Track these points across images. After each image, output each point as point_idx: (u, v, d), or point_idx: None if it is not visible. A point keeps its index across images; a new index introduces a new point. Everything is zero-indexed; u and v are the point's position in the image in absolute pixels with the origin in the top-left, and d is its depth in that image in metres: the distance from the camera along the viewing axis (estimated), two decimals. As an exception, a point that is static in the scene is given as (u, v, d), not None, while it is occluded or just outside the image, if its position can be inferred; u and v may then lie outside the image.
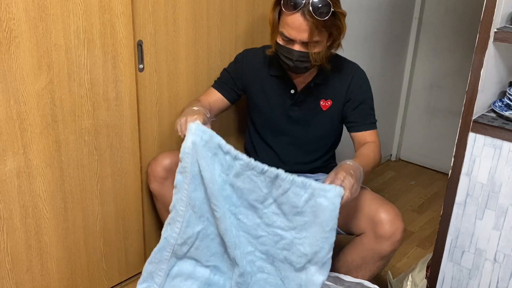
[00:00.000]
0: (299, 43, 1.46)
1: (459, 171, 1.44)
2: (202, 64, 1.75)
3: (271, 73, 1.65)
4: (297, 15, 1.42)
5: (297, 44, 1.47)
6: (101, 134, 1.49)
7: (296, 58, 1.48)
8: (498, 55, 1.39)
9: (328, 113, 1.64)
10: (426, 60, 2.86)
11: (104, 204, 1.57)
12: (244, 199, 1.39)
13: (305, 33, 1.43)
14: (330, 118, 1.65)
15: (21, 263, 1.40)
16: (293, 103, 1.64)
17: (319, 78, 1.61)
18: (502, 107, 1.43)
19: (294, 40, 1.46)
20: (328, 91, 1.63)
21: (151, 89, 1.61)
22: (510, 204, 1.38)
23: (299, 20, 1.42)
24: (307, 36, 1.44)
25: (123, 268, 1.70)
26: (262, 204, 1.38)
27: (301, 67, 1.51)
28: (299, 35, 1.44)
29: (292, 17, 1.43)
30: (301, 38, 1.45)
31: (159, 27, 1.57)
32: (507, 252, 1.41)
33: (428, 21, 2.80)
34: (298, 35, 1.45)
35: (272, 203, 1.37)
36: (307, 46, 1.47)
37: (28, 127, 1.31)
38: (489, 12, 1.30)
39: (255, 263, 1.45)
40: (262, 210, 1.39)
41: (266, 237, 1.41)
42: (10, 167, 1.30)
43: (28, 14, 1.23)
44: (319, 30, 1.43)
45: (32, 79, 1.28)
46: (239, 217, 1.41)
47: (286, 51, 1.49)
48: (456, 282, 1.53)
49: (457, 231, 1.49)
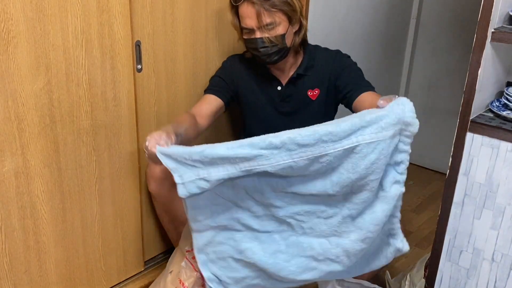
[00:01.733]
0: (257, 30, 1.53)
1: (457, 171, 1.44)
2: (200, 64, 1.75)
3: (255, 74, 1.68)
4: (245, 4, 1.51)
5: (257, 32, 1.53)
6: (99, 134, 1.49)
7: (260, 45, 1.53)
8: (495, 55, 1.39)
9: (317, 102, 1.66)
10: (424, 60, 2.87)
11: (103, 205, 1.57)
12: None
13: (255, 19, 1.50)
14: (320, 107, 1.67)
15: (20, 264, 1.40)
16: (282, 99, 1.67)
17: (301, 68, 1.64)
18: (500, 107, 1.44)
19: (252, 29, 1.53)
20: (313, 80, 1.65)
21: (149, 89, 1.61)
22: (508, 203, 1.38)
23: (248, 8, 1.51)
24: (258, 20, 1.50)
25: (121, 269, 1.70)
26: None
27: (270, 53, 1.55)
28: (251, 21, 1.51)
29: (242, 8, 1.53)
30: (254, 24, 1.52)
31: (157, 28, 1.57)
32: (504, 251, 1.41)
33: (425, 21, 2.81)
34: (250, 21, 1.52)
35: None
36: (265, 30, 1.52)
37: (26, 127, 1.31)
38: (486, 12, 1.30)
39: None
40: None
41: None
42: (8, 168, 1.30)
43: (26, 15, 1.23)
44: (268, 11, 1.49)
45: (30, 79, 1.28)
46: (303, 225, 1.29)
47: (250, 42, 1.56)
48: (454, 281, 1.53)
49: (455, 231, 1.49)
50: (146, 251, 1.78)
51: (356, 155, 1.16)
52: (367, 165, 1.17)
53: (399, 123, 1.18)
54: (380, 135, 1.16)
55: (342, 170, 1.19)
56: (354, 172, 1.18)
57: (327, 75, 1.64)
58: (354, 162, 1.17)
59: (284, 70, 1.65)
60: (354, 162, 1.17)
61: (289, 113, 1.68)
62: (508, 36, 1.30)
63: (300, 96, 1.66)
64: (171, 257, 1.69)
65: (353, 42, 2.41)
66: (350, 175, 1.18)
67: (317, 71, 1.65)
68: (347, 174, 1.18)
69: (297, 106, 1.67)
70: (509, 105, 1.42)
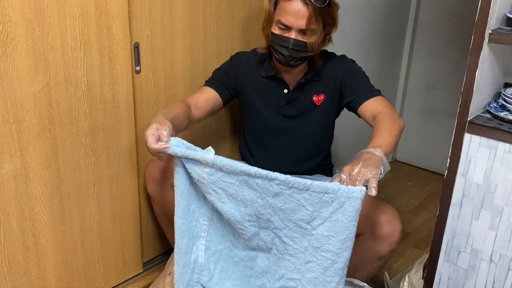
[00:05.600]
0: (295, 31, 1.48)
1: (455, 172, 1.45)
2: (199, 66, 1.75)
3: (263, 75, 1.66)
4: (296, 2, 1.44)
5: (293, 32, 1.49)
6: (98, 136, 1.49)
7: (292, 47, 1.49)
8: (492, 56, 1.40)
9: (321, 107, 1.66)
10: (422, 61, 2.88)
11: (101, 207, 1.57)
12: (289, 220, 1.26)
13: (303, 20, 1.45)
14: (324, 112, 1.67)
15: (18, 266, 1.40)
16: (287, 102, 1.65)
17: (309, 74, 1.63)
18: (497, 108, 1.44)
19: (291, 28, 1.48)
20: (319, 86, 1.64)
21: (148, 91, 1.61)
22: (506, 204, 1.38)
23: (298, 6, 1.44)
24: (305, 22, 1.46)
25: (120, 271, 1.70)
26: (309, 224, 1.24)
27: (296, 56, 1.52)
28: (297, 21, 1.46)
29: (292, 3, 1.45)
30: (299, 25, 1.47)
31: (156, 29, 1.57)
32: (503, 252, 1.42)
33: (423, 22, 2.81)
34: (296, 21, 1.46)
35: (321, 223, 1.22)
36: (304, 34, 1.49)
37: (25, 129, 1.31)
38: (483, 14, 1.30)
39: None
40: (310, 232, 1.24)
41: (314, 263, 1.25)
42: (6, 170, 1.30)
43: (25, 17, 1.23)
44: (316, 17, 1.46)
45: (28, 81, 1.28)
46: (284, 240, 1.29)
47: (282, 40, 1.51)
48: (452, 282, 1.53)
49: (453, 232, 1.49)
50: (144, 253, 1.78)
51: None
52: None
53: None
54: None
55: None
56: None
57: (332, 80, 1.63)
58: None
59: (293, 74, 1.64)
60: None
61: (293, 117, 1.67)
62: (506, 37, 1.31)
63: (306, 100, 1.65)
64: (170, 258, 1.68)
65: (350, 44, 2.41)
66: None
67: (323, 77, 1.64)
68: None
69: (301, 111, 1.66)
70: (507, 106, 1.42)
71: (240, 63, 1.70)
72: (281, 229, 1.28)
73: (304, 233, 1.25)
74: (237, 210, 1.28)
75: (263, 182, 1.22)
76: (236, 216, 1.28)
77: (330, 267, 1.22)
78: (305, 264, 1.26)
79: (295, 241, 1.27)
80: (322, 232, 1.21)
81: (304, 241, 1.26)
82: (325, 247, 1.21)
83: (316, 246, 1.23)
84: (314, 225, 1.22)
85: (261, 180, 1.22)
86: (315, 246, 1.23)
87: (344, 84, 1.62)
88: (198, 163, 1.25)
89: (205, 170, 1.25)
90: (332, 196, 1.17)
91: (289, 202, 1.23)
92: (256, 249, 1.35)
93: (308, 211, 1.21)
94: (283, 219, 1.27)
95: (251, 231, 1.31)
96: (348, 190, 1.16)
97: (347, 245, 1.20)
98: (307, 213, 1.22)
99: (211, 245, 1.38)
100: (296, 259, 1.28)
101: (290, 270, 1.30)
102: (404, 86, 2.95)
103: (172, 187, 1.35)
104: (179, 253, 1.36)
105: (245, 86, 1.69)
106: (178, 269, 1.37)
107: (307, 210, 1.21)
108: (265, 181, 1.22)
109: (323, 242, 1.21)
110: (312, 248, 1.24)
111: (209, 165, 1.24)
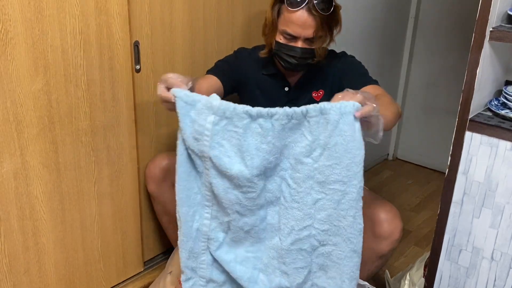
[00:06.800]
0: (302, 39, 1.47)
1: (456, 170, 1.44)
2: (199, 65, 1.75)
3: (263, 73, 1.66)
4: (301, 12, 1.42)
5: (300, 41, 1.47)
6: (98, 135, 1.48)
7: (300, 55, 1.48)
8: (493, 54, 1.39)
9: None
10: (423, 59, 2.87)
11: (102, 206, 1.57)
12: (292, 157, 1.22)
13: (310, 29, 1.44)
14: None
15: (19, 265, 1.40)
16: (288, 100, 1.65)
17: (310, 72, 1.62)
18: (498, 106, 1.44)
19: (298, 37, 1.47)
20: (318, 82, 1.64)
21: (148, 90, 1.61)
22: (507, 202, 1.38)
23: (304, 16, 1.42)
24: (313, 32, 1.44)
25: (120, 269, 1.70)
26: (310, 157, 1.20)
27: (304, 64, 1.52)
28: (304, 31, 1.45)
29: (297, 14, 1.43)
30: (306, 35, 1.45)
31: (156, 28, 1.56)
32: (504, 250, 1.41)
33: (424, 20, 2.81)
34: (303, 31, 1.45)
35: (321, 153, 1.18)
36: (311, 42, 1.47)
37: (25, 128, 1.31)
38: (484, 11, 1.30)
39: (315, 237, 1.26)
40: (313, 166, 1.20)
41: (324, 200, 1.20)
42: (7, 169, 1.30)
43: (24, 16, 1.23)
44: (322, 25, 1.44)
45: (28, 80, 1.28)
46: (289, 182, 1.24)
47: (289, 49, 1.49)
48: (453, 280, 1.53)
49: (454, 230, 1.49)
50: (145, 252, 1.78)
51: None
52: None
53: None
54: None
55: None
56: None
57: (331, 76, 1.63)
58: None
59: (295, 73, 1.64)
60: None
61: None
62: (507, 35, 1.30)
63: (306, 97, 1.65)
64: (171, 257, 1.69)
65: (351, 42, 2.41)
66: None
67: (322, 73, 1.64)
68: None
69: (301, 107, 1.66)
70: (508, 104, 1.42)
71: (243, 57, 1.69)
72: (286, 169, 1.25)
73: (307, 170, 1.21)
74: (244, 164, 1.23)
75: (265, 122, 1.20)
76: (244, 172, 1.23)
77: (341, 199, 1.18)
78: (313, 205, 1.22)
79: (299, 184, 1.23)
80: (324, 163, 1.17)
81: (309, 181, 1.22)
82: (331, 178, 1.17)
83: (322, 180, 1.19)
84: (315, 156, 1.19)
85: (263, 119, 1.20)
86: (321, 181, 1.19)
87: (344, 76, 1.61)
88: (203, 113, 1.23)
89: (209, 119, 1.23)
90: (327, 117, 1.15)
91: (292, 134, 1.21)
92: (264, 205, 1.30)
93: (308, 141, 1.19)
94: (287, 157, 1.23)
95: (260, 187, 1.26)
96: (340, 105, 1.13)
97: (354, 171, 1.15)
98: (307, 144, 1.19)
99: (219, 215, 1.34)
100: (303, 204, 1.24)
101: (299, 219, 1.25)
102: (405, 84, 2.95)
103: (173, 186, 1.35)
104: (179, 221, 1.36)
105: (246, 82, 1.68)
106: (181, 236, 1.37)
107: (307, 140, 1.19)
108: (267, 120, 1.20)
109: (327, 173, 1.18)
110: (318, 184, 1.20)
111: (214, 110, 1.22)
